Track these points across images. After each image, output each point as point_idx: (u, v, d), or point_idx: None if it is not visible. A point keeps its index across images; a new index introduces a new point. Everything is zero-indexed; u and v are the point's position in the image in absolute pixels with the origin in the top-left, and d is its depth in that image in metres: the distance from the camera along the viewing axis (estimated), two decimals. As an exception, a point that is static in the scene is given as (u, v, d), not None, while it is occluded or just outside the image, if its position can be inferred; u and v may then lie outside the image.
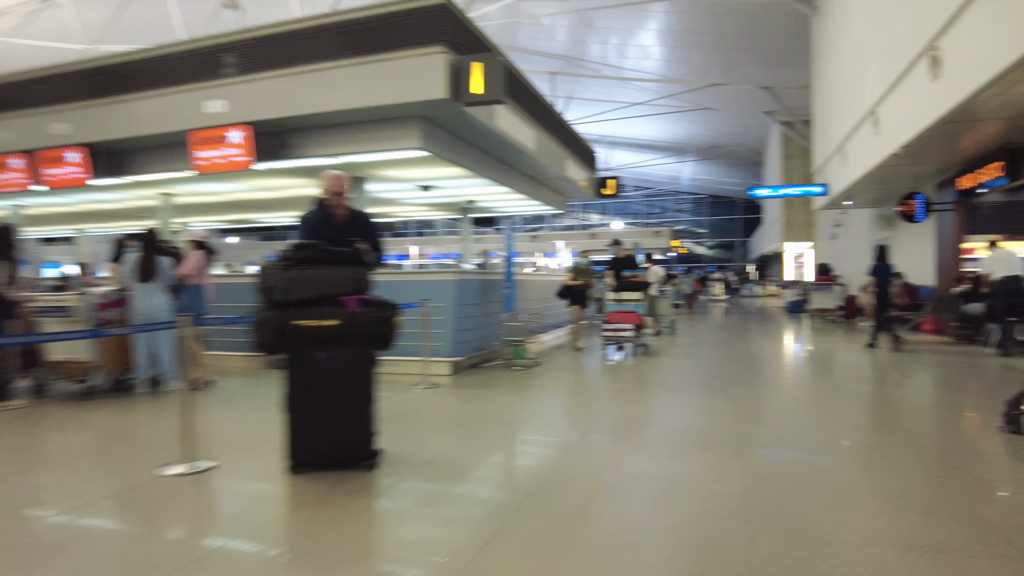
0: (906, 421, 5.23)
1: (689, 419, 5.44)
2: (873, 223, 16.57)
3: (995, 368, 7.93)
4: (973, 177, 10.23)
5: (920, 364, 8.57)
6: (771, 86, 21.94)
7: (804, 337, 12.53)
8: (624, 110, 27.30)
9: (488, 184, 11.18)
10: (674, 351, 10.36)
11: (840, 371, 8.35)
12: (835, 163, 14.49)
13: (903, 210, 11.88)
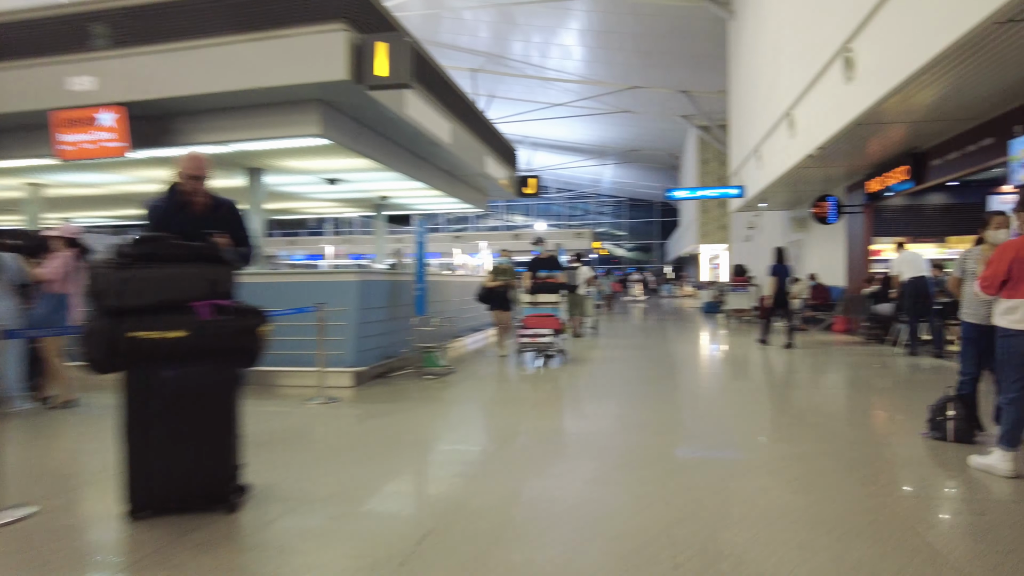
0: (831, 428, 4.93)
1: (610, 433, 4.95)
2: (786, 225, 16.93)
3: (905, 367, 7.95)
4: (881, 180, 10.40)
5: (835, 364, 8.53)
6: (689, 90, 22.20)
7: (721, 338, 12.47)
8: (546, 111, 27.06)
9: (401, 179, 10.44)
10: (595, 355, 9.97)
11: (758, 374, 8.14)
12: (751, 165, 14.62)
13: (816, 212, 12.02)
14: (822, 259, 13.92)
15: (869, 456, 4.20)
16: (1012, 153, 6.88)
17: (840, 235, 12.70)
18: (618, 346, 11.14)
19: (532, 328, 8.15)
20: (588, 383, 7.28)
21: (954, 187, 11.31)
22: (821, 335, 12.01)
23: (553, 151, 36.65)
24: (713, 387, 7.23)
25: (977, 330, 4.28)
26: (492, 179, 12.94)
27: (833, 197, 11.97)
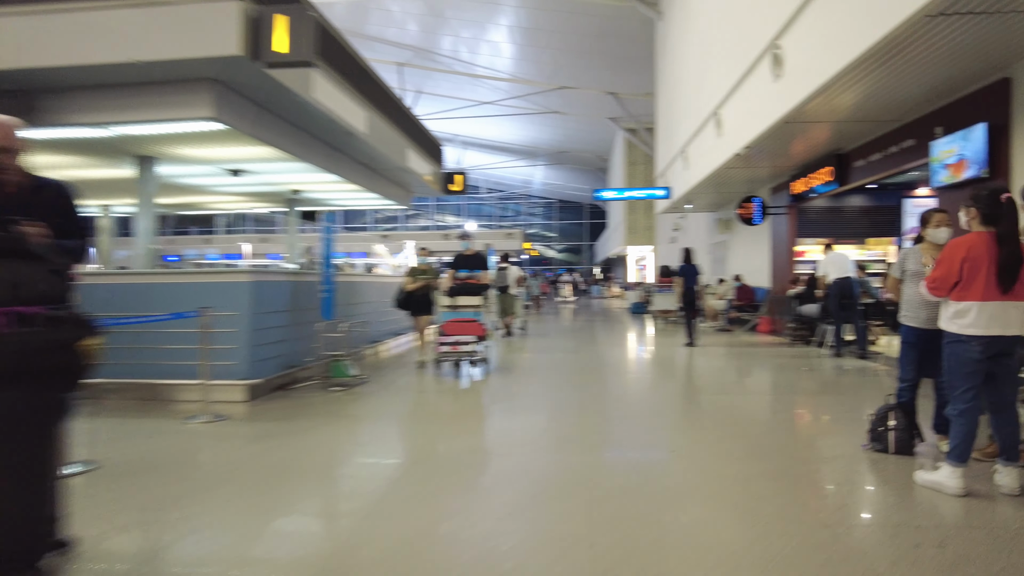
0: (768, 442, 4.56)
1: (531, 451, 4.39)
2: (711, 227, 17.03)
3: (832, 370, 7.80)
4: (805, 182, 10.39)
5: (764, 367, 8.33)
6: (617, 92, 22.15)
7: (648, 340, 12.24)
8: (474, 108, 26.49)
9: (312, 171, 9.56)
10: (521, 359, 9.46)
11: (687, 379, 7.80)
12: (677, 167, 14.54)
13: (741, 213, 11.97)
14: (747, 260, 13.97)
15: (812, 475, 3.83)
16: (933, 155, 6.82)
17: (764, 236, 12.74)
18: (545, 349, 10.68)
19: (452, 335, 7.32)
20: (511, 393, 6.69)
21: (873, 190, 11.48)
22: (746, 336, 11.97)
23: (483, 150, 36.15)
24: (641, 395, 6.81)
25: (917, 334, 4.00)
26: (415, 174, 12.22)
27: (758, 198, 11.96)
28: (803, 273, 11.20)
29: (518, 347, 10.92)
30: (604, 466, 3.99)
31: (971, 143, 6.22)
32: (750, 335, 12.09)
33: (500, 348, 10.78)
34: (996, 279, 3.15)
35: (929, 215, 4.04)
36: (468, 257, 8.22)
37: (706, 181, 12.11)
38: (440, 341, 7.41)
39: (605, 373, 8.08)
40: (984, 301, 3.20)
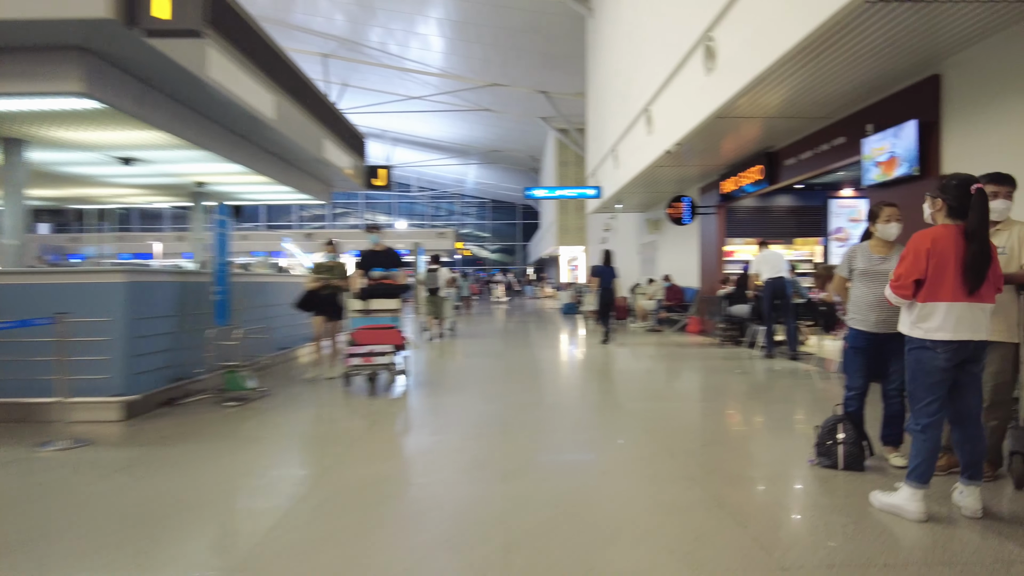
0: (707, 459, 4.12)
1: (446, 481, 3.76)
2: (641, 227, 16.90)
3: (766, 372, 7.56)
4: (735, 181, 10.25)
5: (696, 370, 8.03)
6: (548, 91, 21.84)
7: (578, 341, 11.86)
8: (403, 103, 25.62)
9: (215, 160, 8.62)
10: (446, 367, 8.87)
11: (617, 384, 7.33)
12: (608, 166, 14.28)
13: (671, 213, 11.77)
14: (676, 260, 13.85)
15: (758, 502, 3.40)
16: (864, 152, 6.67)
17: (694, 236, 12.61)
18: (472, 353, 10.10)
19: (364, 344, 6.25)
20: (430, 409, 5.99)
21: (800, 190, 11.52)
22: (676, 336, 11.79)
23: (414, 147, 35.19)
24: (569, 405, 6.25)
25: (866, 338, 3.67)
26: (335, 168, 11.39)
27: (687, 198, 11.79)
28: (733, 273, 11.09)
29: (444, 351, 10.31)
30: (526, 496, 3.43)
31: (902, 140, 6.07)
32: (680, 335, 11.92)
33: (427, 352, 10.14)
34: (962, 279, 2.81)
35: (879, 209, 3.71)
36: (378, 254, 7.02)
37: (636, 180, 11.85)
38: (350, 352, 6.30)
39: (532, 380, 7.53)
40: (953, 302, 2.85)
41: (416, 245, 20.02)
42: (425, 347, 10.83)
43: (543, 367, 8.61)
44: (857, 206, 11.47)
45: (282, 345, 9.10)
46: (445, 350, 10.37)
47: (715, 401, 6.22)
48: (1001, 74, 5.16)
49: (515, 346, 10.94)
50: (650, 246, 16.30)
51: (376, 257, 6.94)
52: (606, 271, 10.64)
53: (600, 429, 5.07)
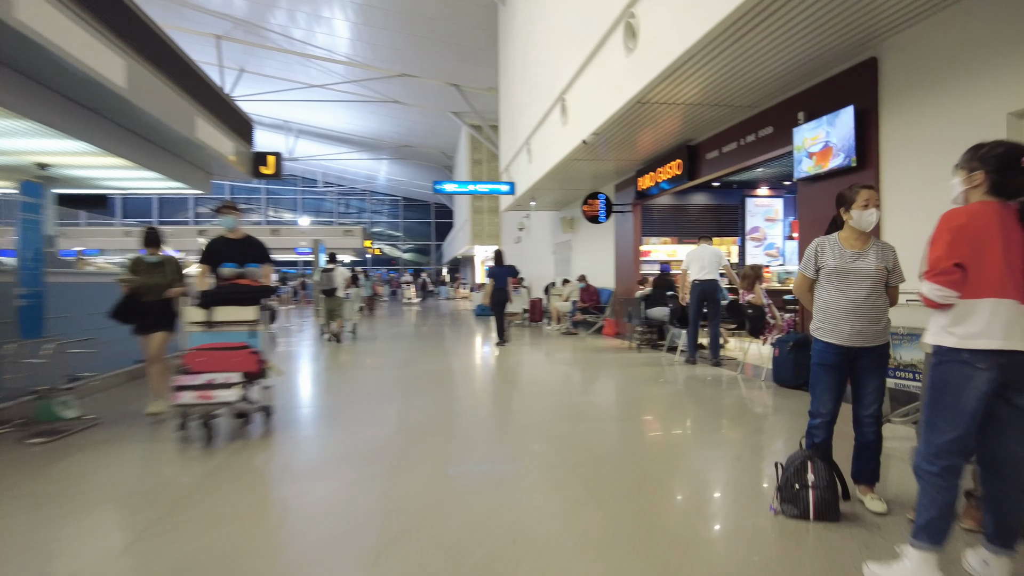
0: (645, 508, 3.25)
1: (298, 567, 2.71)
2: (556, 226, 16.21)
3: (689, 380, 6.86)
4: (653, 176, 9.63)
5: (618, 379, 7.21)
6: (460, 84, 20.83)
7: (490, 346, 10.94)
8: (307, 92, 23.83)
9: (54, 136, 7.02)
10: (331, 378, 7.67)
11: (531, 399, 6.37)
12: (522, 161, 13.45)
13: (586, 210, 11.06)
14: (592, 260, 13.20)
15: (714, 568, 2.55)
16: (796, 142, 6.10)
17: (609, 235, 11.98)
18: (366, 364, 8.91)
19: (200, 372, 4.33)
20: (296, 446, 4.42)
21: (716, 188, 11.12)
22: (592, 339, 11.09)
23: (320, 140, 33.08)
24: (475, 429, 5.17)
25: (837, 353, 2.90)
26: (212, 152, 9.86)
27: (603, 195, 11.12)
28: (650, 273, 10.51)
29: (336, 359, 9.07)
30: (423, 569, 2.40)
31: (838, 129, 5.51)
32: (596, 338, 11.23)
33: (317, 360, 8.87)
34: (1015, 269, 2.06)
35: (852, 192, 2.93)
36: (232, 244, 5.09)
37: (550, 175, 11.06)
38: (178, 383, 4.26)
39: (432, 396, 6.35)
40: (999, 298, 2.08)
41: (316, 243, 18.46)
42: (321, 352, 9.56)
43: (447, 378, 7.52)
44: (773, 205, 11.21)
45: (139, 359, 7.60)
46: (338, 357, 9.14)
47: (641, 419, 5.33)
48: (940, 57, 4.64)
49: (418, 352, 9.84)
50: (565, 246, 15.62)
51: (229, 248, 5.05)
52: (500, 271, 10.29)
53: (511, 463, 4.07)
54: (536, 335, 12.13)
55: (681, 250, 11.37)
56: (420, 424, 5.01)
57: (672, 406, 5.69)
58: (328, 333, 11.51)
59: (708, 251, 7.79)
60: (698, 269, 7.69)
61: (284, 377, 7.16)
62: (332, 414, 5.55)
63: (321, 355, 9.57)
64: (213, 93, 9.99)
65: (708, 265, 7.65)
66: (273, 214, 44.88)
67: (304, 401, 6.16)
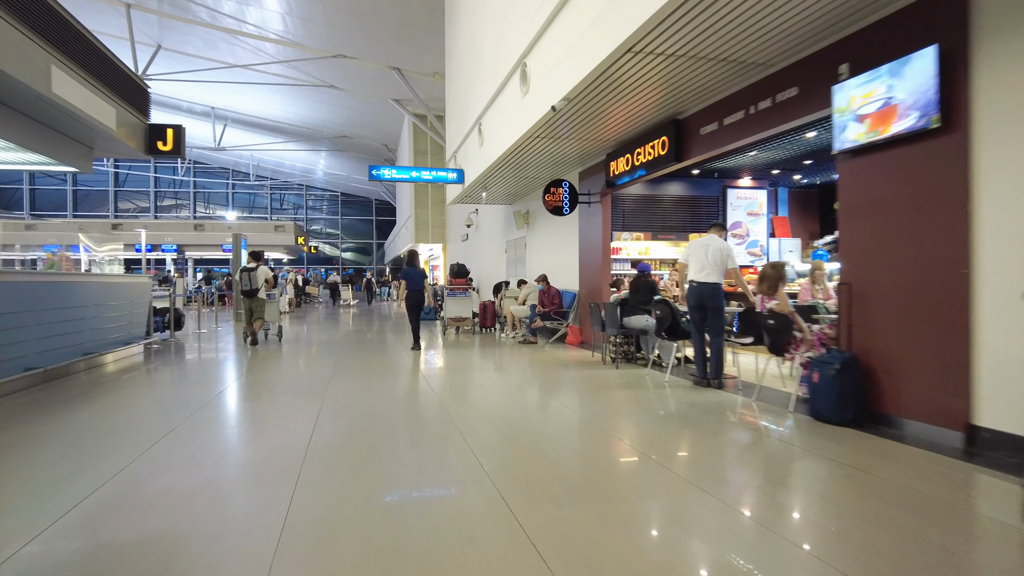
0: None
1: None
2: (508, 221, 14.55)
3: (692, 411, 5.31)
4: (628, 160, 8.09)
5: (595, 409, 5.54)
6: (402, 68, 18.90)
7: (433, 359, 9.15)
8: (233, 73, 21.35)
9: None
10: (229, 393, 5.74)
11: (491, 445, 4.57)
12: (472, 145, 11.72)
13: (549, 200, 9.44)
14: (551, 259, 11.61)
15: None
16: (836, 104, 4.63)
17: (572, 230, 10.40)
18: (274, 381, 6.98)
19: None
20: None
21: (694, 177, 9.71)
22: (553, 349, 9.49)
23: (251, 130, 30.32)
24: (411, 509, 3.52)
25: None
26: (84, 118, 7.71)
27: (567, 183, 9.53)
28: (623, 274, 8.98)
29: (253, 366, 7.10)
30: None
31: (907, 79, 4.03)
32: (558, 348, 9.63)
33: (235, 365, 6.89)
34: None
35: None
36: None
37: (506, 159, 9.39)
38: None
39: (351, 430, 4.59)
40: None
41: (237, 237, 16.18)
42: (242, 356, 7.58)
43: (375, 402, 5.66)
44: (756, 198, 9.87)
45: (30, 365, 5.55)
46: (254, 364, 7.18)
47: (649, 488, 3.48)
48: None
49: (344, 367, 7.97)
50: (519, 243, 13.97)
51: None
52: (414, 272, 9.75)
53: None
54: (488, 344, 10.41)
55: (655, 247, 9.88)
56: (329, 477, 3.18)
57: (695, 462, 3.89)
58: (248, 336, 10.44)
59: (715, 246, 6.19)
60: (697, 268, 6.15)
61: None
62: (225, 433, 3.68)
63: (241, 357, 7.60)
64: (86, 43, 7.83)
65: (710, 264, 6.10)
66: (204, 210, 41.44)
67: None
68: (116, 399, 5.75)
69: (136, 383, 6.67)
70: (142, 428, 4.58)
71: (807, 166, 9.45)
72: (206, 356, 8.99)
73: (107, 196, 39.88)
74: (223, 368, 7.80)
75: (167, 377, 7.11)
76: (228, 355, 9.10)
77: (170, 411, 5.18)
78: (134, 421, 4.84)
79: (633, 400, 5.65)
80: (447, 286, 12.09)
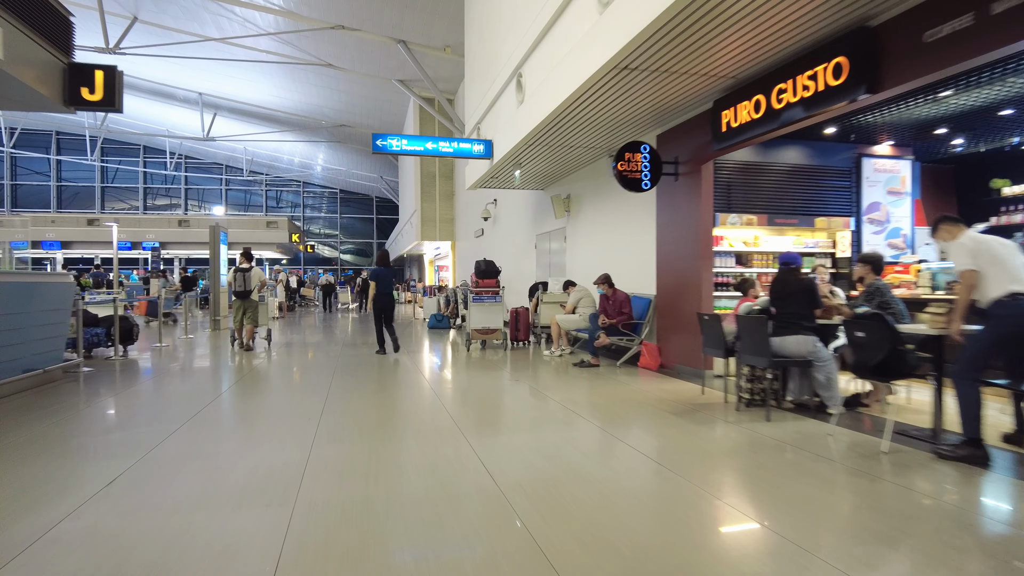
0: None
1: None
2: (539, 210, 11.76)
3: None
4: (761, 103, 5.32)
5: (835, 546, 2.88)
6: (408, 40, 16.12)
7: (477, 400, 6.37)
8: (220, 49, 18.51)
9: None
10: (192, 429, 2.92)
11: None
12: (504, 107, 8.94)
13: (623, 171, 6.64)
14: (606, 254, 8.80)
15: None
16: None
17: (641, 214, 7.60)
18: (252, 407, 4.17)
19: None
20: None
21: (820, 140, 6.92)
22: (626, 375, 6.72)
23: (243, 119, 27.38)
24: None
25: None
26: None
27: (647, 145, 6.75)
28: (733, 272, 6.23)
29: (234, 381, 4.29)
30: None
31: None
32: (630, 373, 6.86)
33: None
34: None
35: None
36: None
37: (556, 119, 6.62)
38: None
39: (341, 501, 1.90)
40: None
41: (215, 230, 13.36)
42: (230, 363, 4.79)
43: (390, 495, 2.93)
44: (898, 171, 7.10)
45: None
46: (236, 376, 4.39)
47: None
48: None
49: (340, 388, 5.18)
50: (554, 236, 11.17)
51: None
52: (384, 273, 8.87)
53: None
54: (529, 365, 7.60)
55: (766, 237, 7.06)
56: None
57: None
58: (238, 340, 9.69)
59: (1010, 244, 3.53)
60: (1010, 276, 3.45)
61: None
62: None
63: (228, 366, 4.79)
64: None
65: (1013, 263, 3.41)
66: (197, 208, 38.43)
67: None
68: None
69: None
70: None
71: (972, 129, 6.75)
72: (141, 390, 6.16)
73: (94, 193, 36.89)
74: (162, 413, 4.97)
75: (51, 433, 4.27)
76: (183, 384, 6.27)
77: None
78: None
79: (899, 516, 2.82)
80: (473, 289, 9.23)
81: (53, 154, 35.17)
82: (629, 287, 7.74)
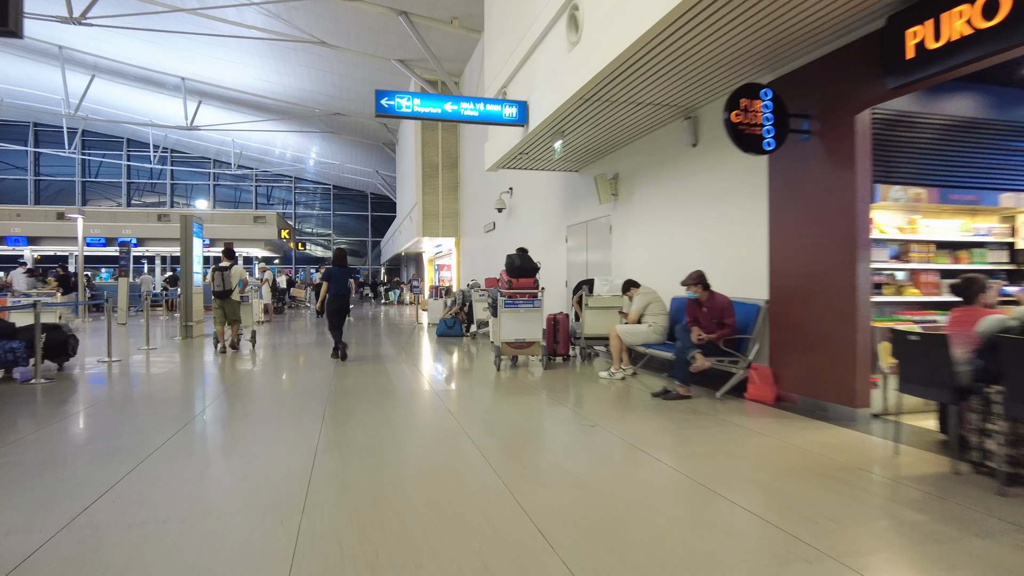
0: None
1: None
2: (568, 198, 9.73)
3: None
4: (974, 10, 3.34)
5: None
6: (411, 11, 14.05)
7: (522, 435, 4.36)
8: (198, 23, 16.30)
9: None
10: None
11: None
12: (548, 55, 6.93)
13: (737, 121, 4.62)
14: (674, 246, 6.79)
15: None
16: None
17: (747, 190, 5.60)
18: (234, 431, 2.15)
19: None
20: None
21: (999, 86, 4.93)
22: (736, 413, 4.74)
23: (229, 106, 25.10)
24: None
25: None
26: None
27: (768, 90, 4.74)
28: (933, 270, 4.24)
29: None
30: None
31: None
32: (741, 411, 4.87)
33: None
34: None
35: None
36: None
37: (635, 54, 4.64)
38: None
39: None
40: None
41: (187, 220, 11.22)
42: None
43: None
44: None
45: None
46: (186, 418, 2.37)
47: None
48: None
49: (335, 418, 3.18)
50: (595, 227, 9.13)
51: None
52: (339, 273, 8.26)
53: None
54: (583, 392, 5.59)
55: (925, 222, 4.99)
56: None
57: None
58: (221, 343, 8.96)
59: None
60: None
61: None
62: None
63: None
64: None
65: None
66: (183, 204, 36.02)
67: None
68: None
69: None
70: None
71: None
72: (40, 439, 4.08)
73: (74, 188, 34.43)
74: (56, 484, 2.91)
75: None
76: (115, 425, 4.21)
77: None
78: None
79: None
80: (504, 291, 7.13)
81: (31, 146, 32.72)
82: (729, 289, 5.70)
